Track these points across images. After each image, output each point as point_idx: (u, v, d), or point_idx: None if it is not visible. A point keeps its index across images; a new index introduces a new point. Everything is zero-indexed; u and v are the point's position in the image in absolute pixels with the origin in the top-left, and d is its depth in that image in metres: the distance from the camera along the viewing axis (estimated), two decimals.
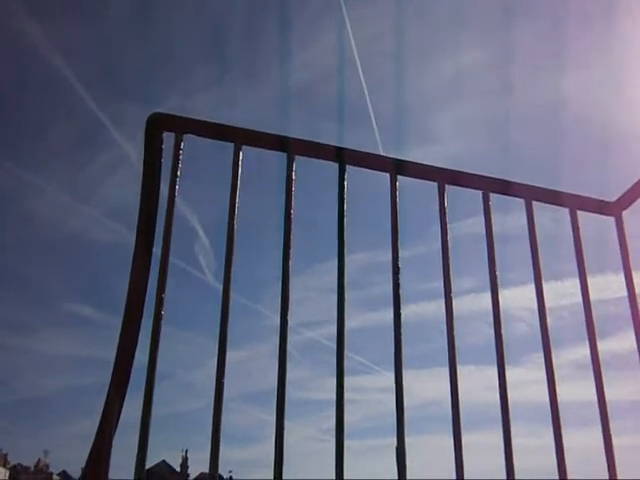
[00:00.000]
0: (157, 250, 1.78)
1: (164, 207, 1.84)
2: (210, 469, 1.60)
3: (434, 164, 2.12)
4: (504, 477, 1.76)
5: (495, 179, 2.16)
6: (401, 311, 1.84)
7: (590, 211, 2.25)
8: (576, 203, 2.21)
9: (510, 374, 1.82)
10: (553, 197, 2.22)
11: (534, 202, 2.15)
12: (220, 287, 1.74)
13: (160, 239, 1.80)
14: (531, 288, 1.97)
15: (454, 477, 1.73)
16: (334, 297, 1.78)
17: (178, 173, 1.87)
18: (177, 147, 1.89)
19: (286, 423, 1.65)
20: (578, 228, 2.15)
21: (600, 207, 2.26)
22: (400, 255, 1.91)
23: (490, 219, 2.07)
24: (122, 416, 1.63)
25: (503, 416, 1.82)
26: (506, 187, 2.16)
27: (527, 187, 2.18)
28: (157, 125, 1.91)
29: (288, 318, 1.76)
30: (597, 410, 1.89)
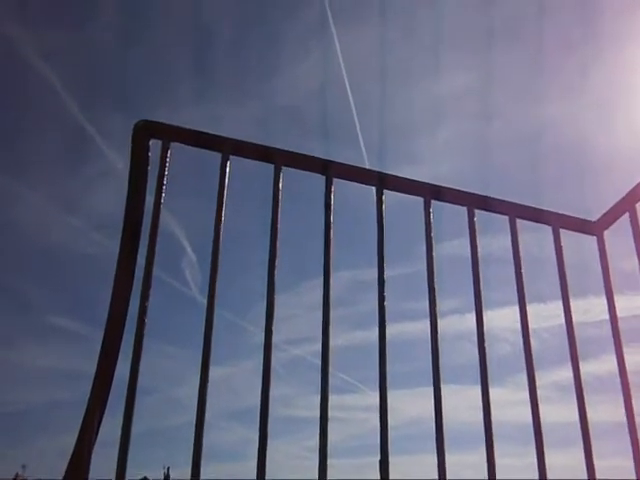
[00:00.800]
0: (142, 261, 1.75)
1: (149, 218, 1.83)
2: None
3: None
4: None
5: (480, 195, 2.18)
6: (386, 330, 1.84)
7: (573, 229, 2.28)
8: (559, 221, 2.24)
9: (493, 394, 1.82)
10: (536, 215, 2.25)
11: (518, 220, 2.18)
12: (205, 302, 1.72)
13: (145, 250, 1.78)
14: (514, 309, 1.99)
15: None
16: (320, 314, 1.77)
17: (164, 180, 1.86)
18: (164, 155, 1.88)
19: (270, 441, 1.63)
20: (561, 247, 2.18)
21: (582, 226, 2.30)
22: (385, 274, 1.92)
23: (475, 234, 2.09)
24: (102, 432, 1.60)
25: (486, 436, 1.82)
26: (490, 204, 2.19)
27: (511, 204, 2.21)
28: (144, 132, 1.90)
29: (273, 330, 1.74)
30: (579, 431, 1.90)
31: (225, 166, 1.93)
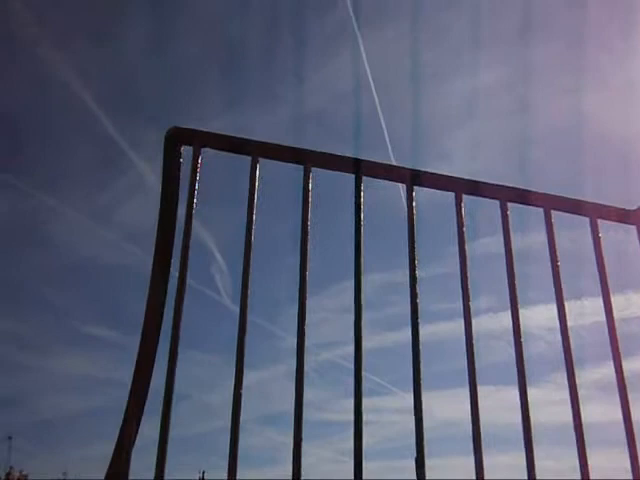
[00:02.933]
0: (174, 271, 1.78)
1: (181, 227, 1.86)
2: None
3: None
4: None
5: (512, 188, 2.14)
6: (419, 330, 1.82)
7: (611, 220, 2.22)
8: (596, 212, 2.18)
9: (529, 394, 1.79)
10: (572, 206, 2.19)
11: (554, 215, 2.13)
12: (236, 308, 1.75)
13: (177, 259, 1.81)
14: (550, 307, 1.95)
15: None
16: (351, 317, 1.77)
17: (196, 186, 1.88)
18: (195, 160, 1.91)
19: (303, 445, 1.64)
20: (599, 239, 2.13)
21: (621, 215, 2.23)
22: (417, 272, 1.90)
23: (508, 229, 2.06)
24: (139, 438, 1.63)
25: (525, 437, 1.79)
26: (524, 196, 2.15)
27: (546, 196, 2.17)
28: (176, 139, 1.93)
29: (305, 337, 1.75)
30: (622, 431, 1.85)
31: (255, 169, 1.94)
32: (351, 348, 1.74)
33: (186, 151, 1.94)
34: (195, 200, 1.88)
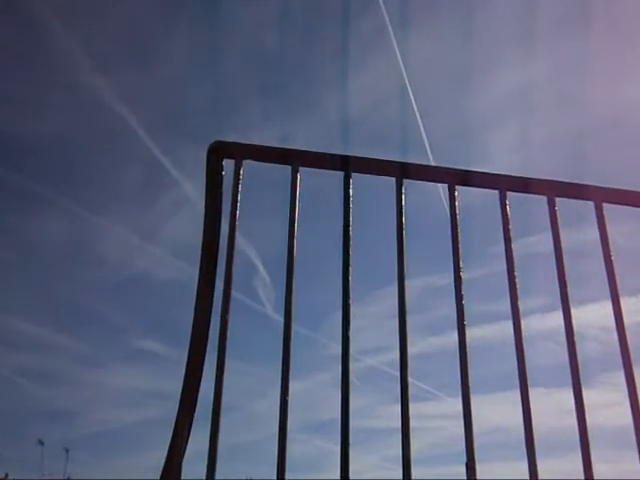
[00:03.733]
0: (219, 283, 1.83)
1: (225, 240, 1.90)
2: None
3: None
4: None
5: (560, 182, 2.08)
6: (465, 334, 1.80)
7: None
8: None
9: (584, 396, 1.73)
10: (625, 197, 2.11)
11: (606, 208, 2.06)
12: (280, 319, 1.77)
13: (222, 270, 1.85)
14: (601, 305, 1.88)
15: None
16: (393, 323, 1.77)
17: (239, 197, 1.92)
18: (237, 172, 1.95)
19: (350, 452, 1.64)
20: None
21: None
22: (462, 275, 1.88)
23: (557, 225, 2.00)
24: (189, 448, 1.68)
25: (581, 441, 1.73)
26: (572, 189, 2.08)
27: (596, 188, 2.09)
28: (218, 152, 1.98)
29: (350, 343, 1.76)
30: None
31: (296, 178, 1.97)
32: (396, 354, 1.74)
33: (228, 164, 1.99)
34: (238, 212, 1.92)
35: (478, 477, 1.61)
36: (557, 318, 1.83)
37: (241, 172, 1.96)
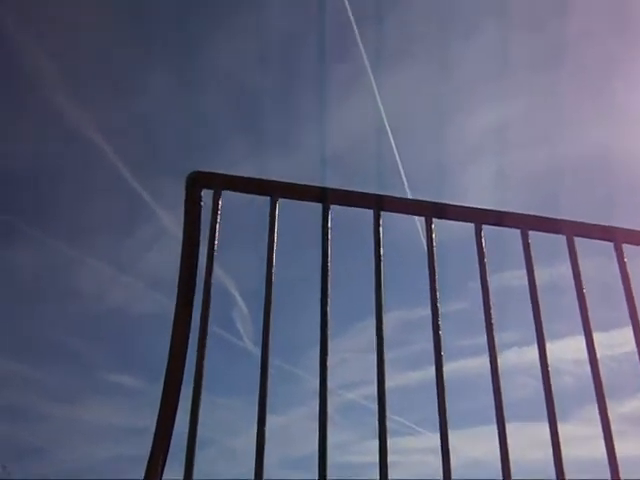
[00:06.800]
0: (196, 315, 1.80)
1: (202, 271, 1.88)
2: None
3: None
4: None
5: (533, 216, 2.12)
6: (443, 366, 1.80)
7: (637, 244, 2.17)
8: (622, 237, 2.15)
9: (559, 429, 1.75)
10: (596, 231, 2.16)
11: (578, 240, 2.10)
12: (258, 352, 1.75)
13: (199, 302, 1.83)
14: (575, 339, 1.91)
15: None
16: (372, 357, 1.76)
17: (217, 228, 1.91)
18: (216, 203, 1.94)
19: None
20: (625, 264, 2.09)
21: None
22: (439, 307, 1.89)
23: (530, 258, 2.03)
24: None
25: (557, 474, 1.74)
26: (545, 223, 2.12)
27: (568, 222, 2.14)
28: (196, 182, 1.97)
29: (327, 378, 1.74)
30: None
31: (274, 209, 1.97)
32: (374, 388, 1.73)
33: (206, 195, 1.98)
34: (216, 243, 1.91)
35: None
36: (533, 352, 1.85)
37: (220, 203, 1.96)
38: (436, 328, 1.88)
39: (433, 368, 1.79)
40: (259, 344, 1.76)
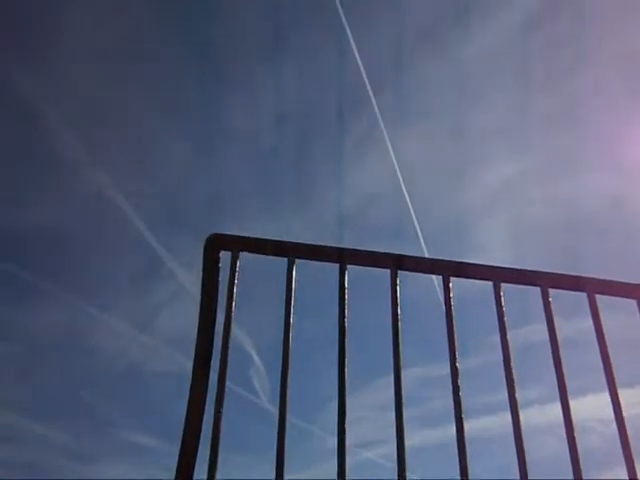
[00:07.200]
0: (213, 375, 1.81)
1: (220, 330, 1.89)
2: None
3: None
4: None
5: (551, 273, 2.11)
6: (464, 425, 1.77)
7: None
8: None
9: None
10: (616, 289, 2.14)
11: (600, 297, 2.08)
12: (275, 410, 1.74)
13: (217, 361, 1.84)
14: (599, 396, 1.86)
15: None
16: (391, 415, 1.74)
17: (235, 289, 1.93)
18: (234, 264, 1.97)
19: None
20: None
21: None
22: (458, 363, 1.87)
23: (551, 316, 2.01)
24: None
25: None
26: (564, 281, 2.11)
27: (587, 279, 2.12)
28: (215, 244, 2.01)
29: (345, 436, 1.72)
30: None
31: (291, 270, 1.99)
32: (393, 447, 1.70)
33: (224, 256, 2.02)
34: (234, 303, 1.93)
35: None
36: (556, 409, 1.80)
37: (238, 264, 1.99)
38: (456, 389, 1.86)
39: (452, 426, 1.75)
40: (276, 402, 1.75)
